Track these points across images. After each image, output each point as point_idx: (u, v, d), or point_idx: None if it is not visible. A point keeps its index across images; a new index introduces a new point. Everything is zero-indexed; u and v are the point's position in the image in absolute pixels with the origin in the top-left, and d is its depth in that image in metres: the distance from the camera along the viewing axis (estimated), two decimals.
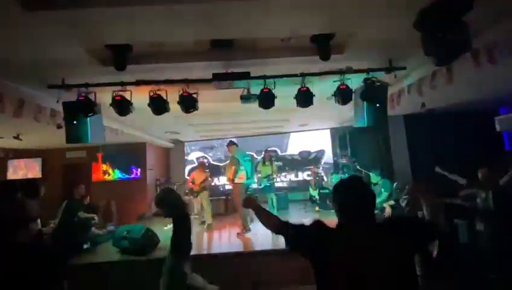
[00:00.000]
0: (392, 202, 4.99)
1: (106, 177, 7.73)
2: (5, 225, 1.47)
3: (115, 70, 2.70)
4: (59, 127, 3.85)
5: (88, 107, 3.19)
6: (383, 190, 5.32)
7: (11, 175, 7.46)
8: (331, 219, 1.42)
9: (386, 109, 3.48)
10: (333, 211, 1.43)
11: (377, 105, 3.38)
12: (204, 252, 4.39)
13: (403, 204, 4.84)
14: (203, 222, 6.10)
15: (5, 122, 3.94)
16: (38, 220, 3.34)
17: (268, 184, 6.45)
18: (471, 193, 3.82)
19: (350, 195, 1.36)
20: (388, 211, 4.85)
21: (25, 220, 1.54)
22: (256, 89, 3.38)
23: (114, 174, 7.80)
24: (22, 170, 7.57)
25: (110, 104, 3.23)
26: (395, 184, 5.23)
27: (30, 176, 7.43)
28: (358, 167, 7.21)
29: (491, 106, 5.04)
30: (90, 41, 2.52)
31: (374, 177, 5.46)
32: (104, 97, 3.25)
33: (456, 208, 4.24)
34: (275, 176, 6.63)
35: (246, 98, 3.49)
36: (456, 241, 4.05)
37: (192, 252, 4.41)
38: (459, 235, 4.22)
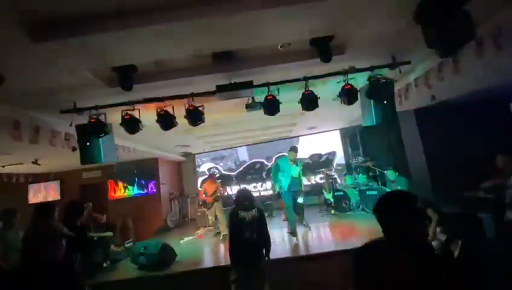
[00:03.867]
0: None
1: (122, 194, 7.90)
2: (36, 244, 1.52)
3: (123, 91, 2.80)
4: (74, 149, 3.99)
5: (99, 128, 3.29)
6: (399, 187, 5.18)
7: (32, 198, 7.75)
8: (347, 222, 1.41)
9: (394, 105, 3.41)
10: (349, 213, 1.39)
11: (384, 102, 3.32)
12: (222, 263, 4.36)
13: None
14: (218, 233, 6.09)
15: (23, 149, 4.12)
16: (63, 242, 3.42)
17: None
18: (495, 184, 3.65)
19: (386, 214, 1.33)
20: None
21: (55, 240, 1.58)
22: (260, 96, 3.39)
23: (129, 192, 7.96)
24: (42, 193, 7.84)
25: (120, 124, 3.33)
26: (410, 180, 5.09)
27: (50, 198, 7.68)
28: (371, 166, 7.07)
29: (505, 93, 4.85)
30: (96, 65, 2.63)
31: (391, 174, 5.32)
32: (114, 117, 3.35)
33: (479, 202, 4.06)
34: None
35: (250, 107, 3.51)
36: (483, 236, 3.86)
37: (210, 264, 4.39)
38: (485, 229, 4.03)
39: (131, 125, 3.35)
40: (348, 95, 3.27)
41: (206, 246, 5.58)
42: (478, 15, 1.94)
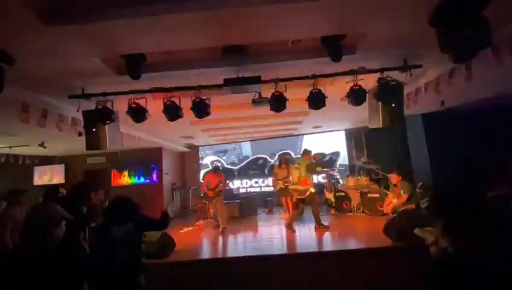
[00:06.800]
0: (412, 205, 4.82)
1: (125, 181, 7.99)
2: (29, 230, 1.53)
3: (131, 79, 2.80)
4: (80, 134, 4.03)
5: (106, 115, 3.32)
6: (401, 191, 5.15)
7: (37, 181, 7.88)
8: (346, 222, 1.40)
9: (402, 109, 3.36)
10: (349, 214, 1.38)
11: (393, 105, 3.28)
12: (219, 256, 4.41)
13: (423, 207, 4.65)
14: (217, 225, 6.14)
15: (31, 131, 4.17)
16: (63, 225, 3.47)
17: (284, 187, 6.42)
18: (499, 194, 3.60)
19: None
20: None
21: (47, 225, 1.59)
22: (268, 92, 3.38)
23: (132, 179, 8.04)
24: (47, 175, 7.97)
25: (127, 112, 3.35)
26: (419, 184, 5.03)
27: (54, 181, 7.80)
28: (375, 168, 7.03)
29: None
30: (106, 53, 2.63)
31: (394, 179, 5.29)
32: (121, 105, 3.37)
33: None
34: (291, 178, 6.59)
35: (257, 102, 3.50)
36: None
37: (207, 256, 4.43)
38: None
39: (138, 114, 3.36)
40: (356, 96, 3.24)
41: (205, 238, 5.64)
42: (495, 21, 1.89)
